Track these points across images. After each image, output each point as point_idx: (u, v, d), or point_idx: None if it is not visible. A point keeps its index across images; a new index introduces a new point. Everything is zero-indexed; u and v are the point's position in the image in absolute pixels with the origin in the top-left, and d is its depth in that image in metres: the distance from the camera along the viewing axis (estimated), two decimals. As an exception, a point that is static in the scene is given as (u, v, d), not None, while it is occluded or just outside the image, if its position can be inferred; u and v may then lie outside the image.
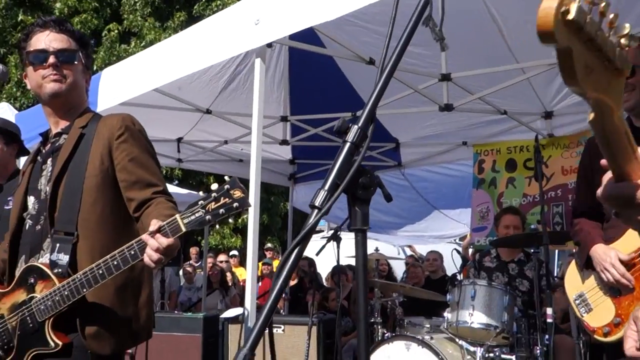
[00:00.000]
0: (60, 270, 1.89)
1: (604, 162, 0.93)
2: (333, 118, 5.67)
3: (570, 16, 0.70)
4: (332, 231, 11.01)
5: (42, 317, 1.87)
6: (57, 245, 1.92)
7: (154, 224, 1.72)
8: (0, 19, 15.34)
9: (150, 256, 1.72)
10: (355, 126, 1.00)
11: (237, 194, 1.66)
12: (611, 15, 0.77)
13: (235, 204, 1.67)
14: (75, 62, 2.06)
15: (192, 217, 1.69)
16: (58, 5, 14.92)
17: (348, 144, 1.00)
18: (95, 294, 1.88)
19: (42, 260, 1.95)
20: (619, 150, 0.88)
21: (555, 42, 0.71)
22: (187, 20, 15.02)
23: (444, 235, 7.74)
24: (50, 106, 2.10)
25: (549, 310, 3.41)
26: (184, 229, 1.69)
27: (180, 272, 8.68)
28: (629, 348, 1.31)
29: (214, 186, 1.71)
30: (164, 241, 1.70)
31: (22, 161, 4.13)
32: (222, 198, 1.67)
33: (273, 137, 6.01)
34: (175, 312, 5.94)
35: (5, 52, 15.28)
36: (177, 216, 1.72)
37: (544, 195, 4.32)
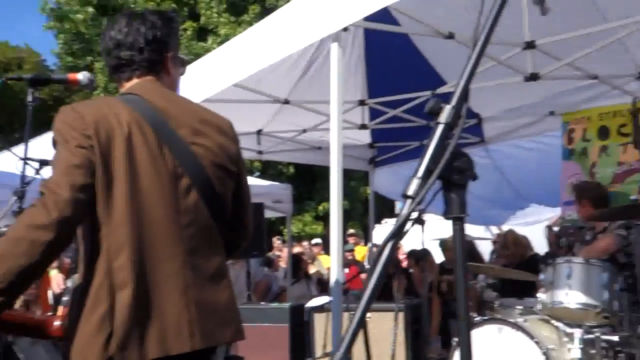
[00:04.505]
0: None
1: None
2: (412, 98, 5.52)
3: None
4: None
5: None
6: None
7: None
8: (86, 29, 16.21)
9: None
10: (448, 106, 0.94)
11: None
12: None
13: None
14: None
15: None
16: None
17: (441, 126, 0.93)
18: None
19: None
20: None
21: None
22: (262, 13, 15.22)
23: (533, 222, 7.45)
24: None
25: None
26: None
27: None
28: None
29: None
30: None
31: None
32: None
33: (351, 122, 5.96)
34: (261, 303, 6.00)
35: (92, 59, 16.14)
36: None
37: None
